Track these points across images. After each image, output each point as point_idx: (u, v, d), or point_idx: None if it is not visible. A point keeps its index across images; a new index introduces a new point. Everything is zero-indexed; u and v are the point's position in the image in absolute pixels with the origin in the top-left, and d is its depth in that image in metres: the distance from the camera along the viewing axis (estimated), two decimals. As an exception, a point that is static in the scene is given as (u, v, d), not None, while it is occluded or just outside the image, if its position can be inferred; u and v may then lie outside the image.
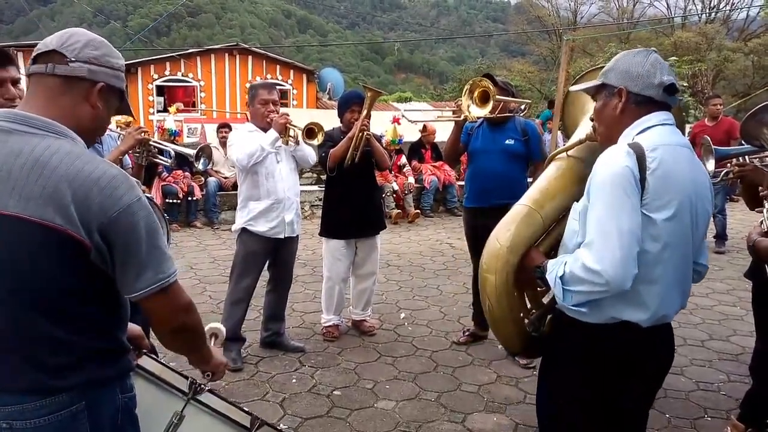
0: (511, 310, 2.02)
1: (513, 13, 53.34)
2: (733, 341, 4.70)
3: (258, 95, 4.14)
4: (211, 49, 21.38)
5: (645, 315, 1.78)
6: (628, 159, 1.71)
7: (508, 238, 1.99)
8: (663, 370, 1.94)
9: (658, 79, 1.80)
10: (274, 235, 4.16)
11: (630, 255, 1.68)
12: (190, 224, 8.89)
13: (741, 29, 32.65)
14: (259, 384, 3.94)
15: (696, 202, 1.78)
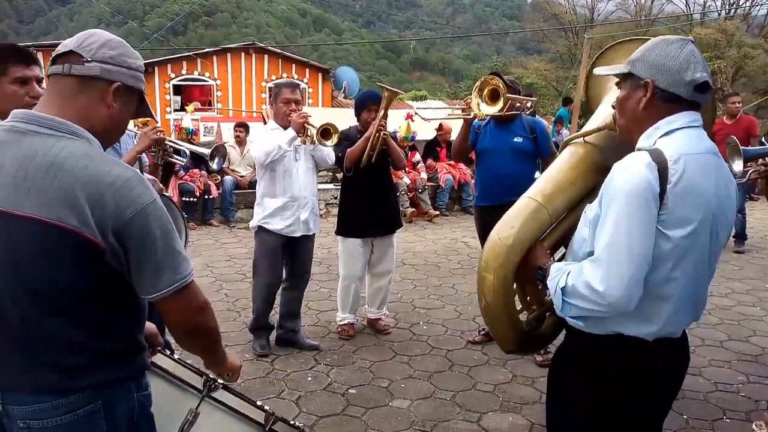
0: (507, 310, 1.95)
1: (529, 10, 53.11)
2: (753, 342, 4.64)
3: (281, 94, 4.19)
4: (227, 49, 21.46)
5: (650, 330, 1.69)
6: (649, 172, 1.58)
7: (510, 235, 1.91)
8: (674, 381, 1.83)
9: (690, 75, 1.63)
10: (289, 233, 4.20)
11: (638, 279, 1.59)
12: (206, 223, 8.94)
13: (761, 25, 32.19)
14: (274, 382, 3.95)
15: (718, 215, 1.67)
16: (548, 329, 2.07)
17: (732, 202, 1.74)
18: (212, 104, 20.02)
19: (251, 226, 4.36)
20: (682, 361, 1.80)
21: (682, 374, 1.83)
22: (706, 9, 33.33)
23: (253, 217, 4.33)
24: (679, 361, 1.80)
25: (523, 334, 2.00)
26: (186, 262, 1.48)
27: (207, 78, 20.49)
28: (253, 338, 4.40)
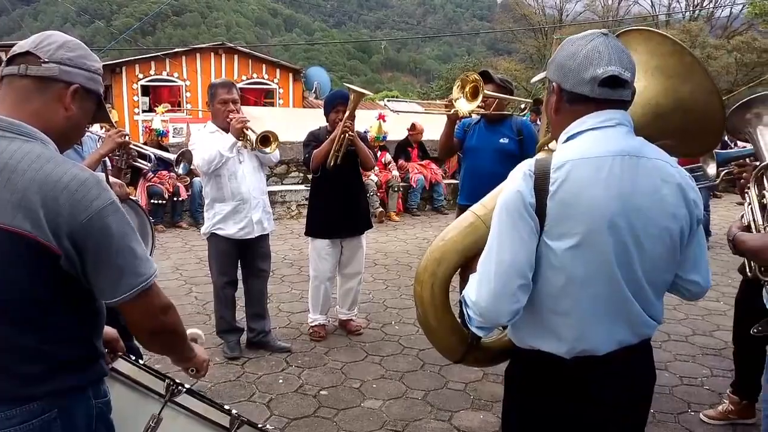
0: (440, 322, 1.89)
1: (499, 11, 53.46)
2: (717, 336, 4.74)
3: (217, 95, 4.13)
4: (197, 49, 21.29)
5: (561, 347, 1.58)
6: (523, 183, 1.52)
7: (439, 248, 1.86)
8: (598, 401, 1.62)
9: (591, 72, 1.51)
10: (244, 236, 4.19)
11: (506, 290, 1.53)
12: (175, 225, 8.83)
13: (724, 27, 32.92)
14: (245, 385, 3.92)
15: (633, 221, 1.51)
16: (497, 343, 1.99)
17: (667, 206, 1.55)
18: (182, 105, 19.81)
19: (203, 233, 4.32)
20: (609, 379, 1.61)
21: (611, 394, 1.63)
22: (671, 10, 33.99)
23: (205, 222, 4.28)
24: (604, 380, 1.60)
25: (468, 344, 1.91)
26: (147, 264, 1.44)
27: (176, 78, 20.28)
28: (223, 341, 4.36)
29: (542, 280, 1.56)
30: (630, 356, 1.63)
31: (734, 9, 30.03)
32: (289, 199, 9.57)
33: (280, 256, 6.83)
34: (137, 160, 3.55)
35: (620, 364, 1.62)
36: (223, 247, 4.20)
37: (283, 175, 10.20)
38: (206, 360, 1.75)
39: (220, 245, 4.20)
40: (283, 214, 9.38)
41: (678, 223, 1.58)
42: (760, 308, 2.25)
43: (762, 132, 2.32)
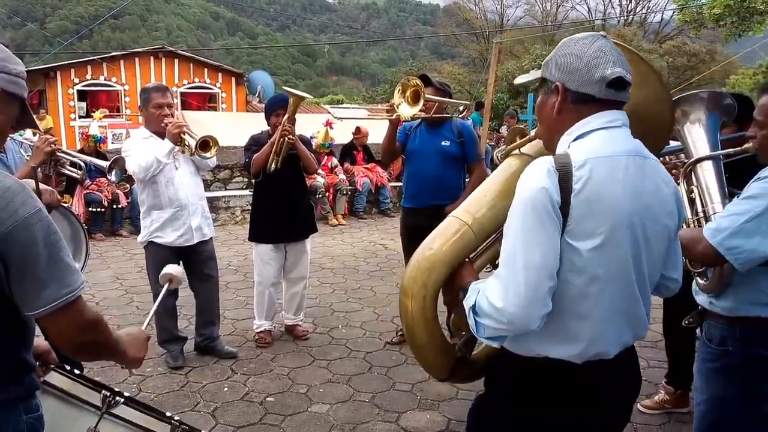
0: (431, 336, 1.79)
1: (442, 16, 54.18)
2: (653, 329, 4.86)
3: (151, 99, 4.04)
4: (135, 52, 20.74)
5: (574, 352, 1.55)
6: (548, 180, 1.47)
7: (427, 257, 1.76)
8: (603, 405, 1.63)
9: (599, 73, 1.51)
10: (183, 244, 4.13)
11: (537, 293, 1.47)
12: (115, 233, 8.59)
13: (656, 32, 34.27)
14: (189, 394, 3.84)
15: (644, 220, 1.53)
16: (482, 354, 1.92)
17: (667, 204, 1.60)
18: (121, 110, 19.28)
19: (140, 241, 4.22)
20: (615, 382, 1.62)
21: (615, 397, 1.64)
22: (606, 16, 35.13)
23: (141, 230, 4.18)
24: (610, 383, 1.60)
25: (456, 361, 1.83)
26: (75, 276, 1.39)
27: (114, 83, 19.71)
28: (165, 351, 4.27)
29: (563, 281, 1.51)
30: (628, 358, 1.66)
31: (665, 15, 31.29)
32: (233, 204, 9.44)
33: (224, 262, 6.72)
34: (66, 168, 3.43)
35: (623, 367, 1.63)
36: (162, 256, 4.09)
37: (226, 180, 10.06)
38: (139, 358, 1.69)
39: (159, 254, 4.09)
40: (228, 220, 9.25)
41: (674, 222, 1.64)
42: (689, 301, 2.34)
43: (689, 129, 2.42)
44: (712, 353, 2.19)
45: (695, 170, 2.34)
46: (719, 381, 2.17)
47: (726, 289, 2.12)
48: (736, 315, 2.11)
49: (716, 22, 11.78)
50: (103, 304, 5.58)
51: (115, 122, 16.75)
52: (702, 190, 2.29)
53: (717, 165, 2.32)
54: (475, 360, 1.90)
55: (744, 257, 1.94)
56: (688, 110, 2.42)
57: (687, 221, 2.33)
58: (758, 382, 2.09)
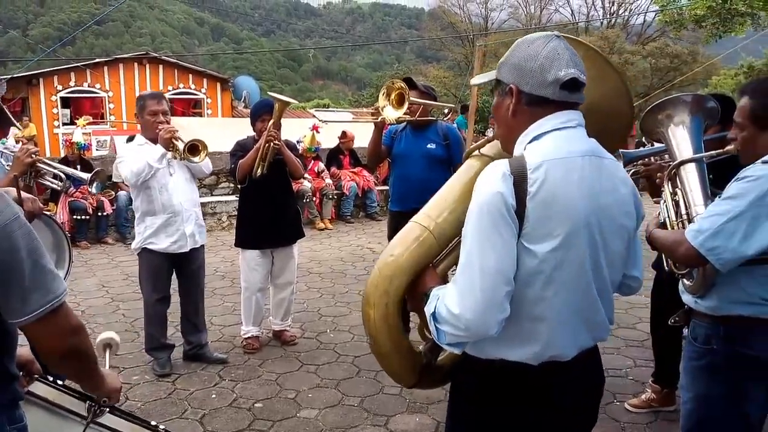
0: (396, 345, 1.76)
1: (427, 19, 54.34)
2: (639, 328, 4.95)
3: (147, 106, 4.07)
4: (119, 59, 20.61)
5: (530, 354, 1.54)
6: (502, 184, 1.46)
7: (388, 264, 1.72)
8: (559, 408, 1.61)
9: (553, 75, 1.50)
10: (177, 250, 4.12)
11: (494, 299, 1.45)
12: (101, 241, 8.52)
13: (639, 33, 34.58)
14: (177, 402, 3.82)
15: (601, 220, 1.52)
16: (448, 359, 1.89)
17: (624, 204, 1.59)
18: (105, 117, 19.15)
19: (134, 248, 4.22)
20: (571, 384, 1.60)
21: (571, 399, 1.61)
22: (590, 18, 35.43)
23: (135, 237, 4.18)
24: (566, 386, 1.59)
25: (422, 367, 1.80)
26: (57, 282, 1.38)
27: (98, 90, 19.58)
28: (152, 359, 4.25)
29: (520, 285, 1.50)
30: (587, 360, 1.64)
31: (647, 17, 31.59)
32: (220, 210, 9.40)
33: (211, 268, 6.69)
34: (47, 179, 3.41)
35: (580, 369, 1.61)
36: (155, 262, 4.10)
37: (212, 186, 10.02)
38: (118, 389, 1.68)
39: (152, 260, 4.09)
40: (214, 226, 9.20)
41: (632, 221, 1.63)
42: (676, 300, 2.36)
43: (673, 132, 2.45)
44: (697, 352, 2.21)
45: (679, 173, 2.36)
46: (704, 379, 2.19)
47: (710, 288, 2.14)
48: (720, 314, 2.13)
49: (697, 23, 11.91)
50: (89, 312, 5.53)
51: (100, 129, 16.63)
52: (685, 192, 2.32)
53: (700, 167, 2.34)
54: (441, 366, 1.87)
55: (725, 258, 1.95)
56: (672, 113, 2.45)
57: (671, 223, 2.36)
58: (741, 380, 2.11)
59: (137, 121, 4.29)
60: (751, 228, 1.92)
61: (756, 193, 1.92)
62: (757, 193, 1.92)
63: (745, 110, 2.08)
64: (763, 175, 1.94)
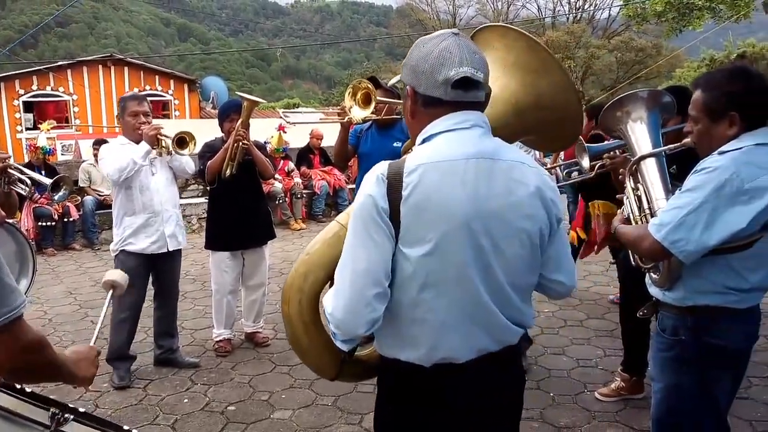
0: (311, 339, 1.78)
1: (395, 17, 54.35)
2: (608, 318, 5.03)
3: (128, 108, 4.04)
4: (83, 61, 20.27)
5: (417, 355, 1.55)
6: (375, 188, 1.48)
7: (304, 261, 1.74)
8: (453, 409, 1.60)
9: (443, 75, 1.47)
10: (156, 251, 4.07)
11: (362, 299, 1.47)
12: (68, 247, 8.37)
13: (604, 28, 35.06)
14: (148, 408, 3.77)
15: (489, 224, 1.49)
16: (366, 354, 1.91)
17: (522, 207, 1.53)
18: (69, 121, 18.80)
19: (112, 250, 4.15)
20: (465, 386, 1.59)
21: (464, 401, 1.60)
22: (556, 13, 35.79)
23: (114, 238, 4.12)
24: (458, 387, 1.58)
25: (341, 361, 1.81)
26: (14, 295, 1.31)
27: (62, 93, 19.22)
28: (112, 369, 4.13)
29: (398, 288, 1.51)
30: (489, 364, 1.60)
31: (612, 11, 32.06)
32: (189, 212, 9.30)
33: (182, 271, 6.60)
34: (17, 184, 3.34)
35: (475, 372, 1.58)
36: (132, 265, 3.99)
37: (181, 188, 9.88)
38: (88, 377, 1.63)
39: (129, 263, 3.99)
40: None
41: (536, 224, 1.55)
42: (645, 292, 2.39)
43: (632, 128, 2.48)
44: (666, 343, 2.24)
45: (639, 168, 2.40)
46: (673, 369, 2.21)
47: (676, 281, 2.17)
48: (686, 305, 2.15)
49: (658, 17, 12.15)
50: (56, 320, 5.43)
51: (64, 133, 16.33)
52: (647, 186, 2.35)
53: (660, 161, 2.38)
54: (361, 360, 1.89)
55: (688, 249, 1.98)
56: (630, 110, 2.48)
57: (635, 218, 2.40)
58: (709, 369, 2.14)
59: (118, 123, 4.26)
60: (711, 218, 1.95)
61: (714, 184, 1.95)
62: (714, 184, 1.95)
63: (698, 103, 2.12)
64: (720, 166, 1.98)
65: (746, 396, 3.65)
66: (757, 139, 2.02)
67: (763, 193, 1.94)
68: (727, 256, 2.04)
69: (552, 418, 3.49)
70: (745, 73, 2.07)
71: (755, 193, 1.94)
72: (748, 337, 2.20)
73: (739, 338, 2.14)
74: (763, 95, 2.06)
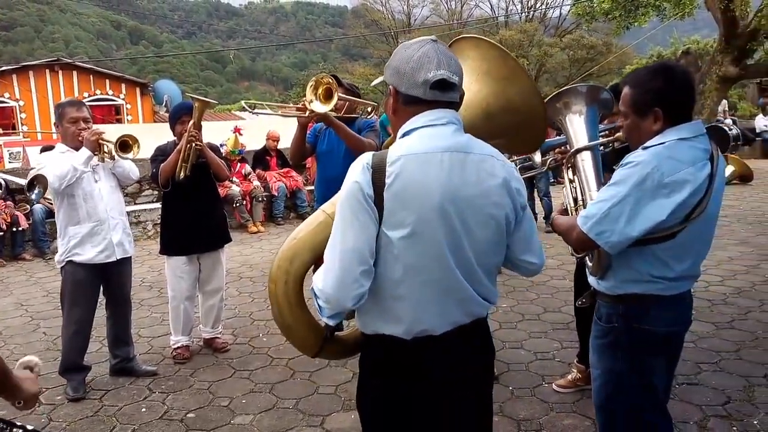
0: (295, 318, 1.91)
1: (351, 17, 54.34)
2: (564, 311, 5.13)
3: (66, 114, 3.93)
4: (29, 66, 19.70)
5: (399, 330, 1.71)
6: (361, 175, 1.63)
7: (291, 246, 1.89)
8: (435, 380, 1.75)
9: (422, 76, 1.64)
10: (104, 260, 3.96)
11: (350, 275, 1.63)
12: (17, 257, 8.11)
13: (556, 26, 35.71)
14: (105, 419, 3.69)
15: (462, 210, 1.65)
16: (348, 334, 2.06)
17: (491, 195, 1.70)
18: (17, 127, 18.23)
19: (57, 261, 4.02)
20: (440, 357, 1.74)
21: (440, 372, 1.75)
22: (509, 12, 36.30)
23: (58, 249, 4.00)
24: (435, 359, 1.74)
25: (323, 339, 1.95)
26: None
27: (7, 99, 18.63)
28: (66, 381, 4.01)
29: (382, 267, 1.67)
30: (462, 336, 1.76)
31: (563, 10, 32.67)
32: (144, 218, 9.13)
33: (137, 279, 6.49)
34: None
35: (452, 343, 1.75)
36: (80, 276, 3.91)
37: (135, 194, 9.71)
38: (34, 393, 1.62)
39: (77, 274, 3.90)
40: (139, 235, 8.92)
41: (502, 211, 1.73)
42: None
43: (570, 120, 2.55)
44: (602, 330, 2.33)
45: (575, 161, 2.47)
46: (609, 355, 2.30)
47: (607, 270, 2.25)
48: (617, 293, 2.24)
49: (605, 15, 12.46)
50: (6, 333, 5.27)
51: (11, 140, 15.81)
52: (582, 179, 2.43)
53: (594, 155, 2.46)
54: (343, 339, 2.03)
55: (612, 240, 2.07)
56: (570, 102, 2.56)
57: (570, 209, 2.47)
58: (642, 354, 2.23)
59: (57, 131, 4.13)
60: (634, 211, 2.03)
61: (636, 178, 2.04)
62: (637, 177, 2.04)
63: (626, 99, 2.20)
64: (642, 160, 2.06)
65: (696, 381, 3.77)
66: (681, 134, 2.10)
67: (682, 186, 2.02)
68: (653, 247, 2.12)
69: (511, 411, 3.55)
70: (668, 70, 2.16)
71: (675, 186, 2.02)
72: (678, 322, 2.28)
73: (669, 323, 2.22)
74: (684, 92, 2.15)
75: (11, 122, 18.46)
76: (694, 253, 2.19)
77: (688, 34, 28.01)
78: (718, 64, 11.97)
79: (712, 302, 5.15)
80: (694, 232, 2.11)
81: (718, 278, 5.81)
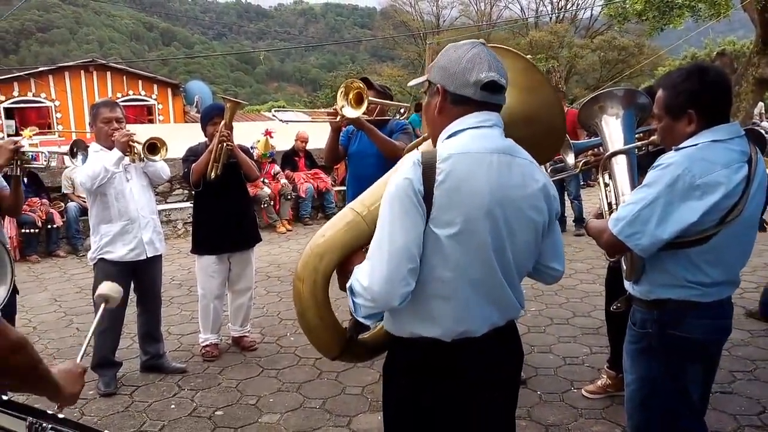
0: (321, 318, 1.90)
1: (379, 18, 54.43)
2: (594, 316, 5.06)
3: (100, 114, 4.00)
4: (64, 67, 20.09)
5: (439, 330, 1.69)
6: (412, 172, 1.61)
7: (319, 243, 1.87)
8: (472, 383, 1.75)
9: (474, 76, 1.64)
10: (135, 258, 4.03)
11: (398, 273, 1.61)
12: (51, 254, 8.28)
13: (587, 27, 35.30)
14: (135, 414, 3.74)
15: (507, 212, 1.66)
16: (371, 337, 2.04)
17: (533, 199, 1.71)
18: (52, 127, 18.63)
19: (90, 258, 4.11)
20: (477, 360, 1.73)
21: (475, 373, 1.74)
22: (539, 13, 35.98)
23: (91, 247, 4.07)
24: (472, 360, 1.73)
25: (345, 342, 1.93)
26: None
27: (44, 99, 19.04)
28: (98, 376, 4.09)
29: (427, 266, 1.65)
30: (498, 337, 1.76)
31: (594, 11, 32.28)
32: (175, 217, 9.25)
33: (167, 277, 6.57)
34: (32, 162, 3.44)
35: (488, 345, 1.74)
36: (112, 273, 3.94)
37: (166, 193, 9.83)
38: (74, 393, 1.64)
39: (109, 271, 3.95)
40: (170, 234, 9.03)
41: (542, 216, 1.74)
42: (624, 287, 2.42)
43: (606, 122, 2.53)
44: (636, 335, 2.29)
45: (610, 164, 2.44)
46: (643, 361, 2.26)
47: (641, 274, 2.22)
48: (651, 298, 2.21)
49: (638, 16, 12.29)
50: (41, 328, 5.38)
51: (47, 140, 16.17)
52: (616, 182, 2.40)
53: (629, 158, 2.43)
54: (364, 342, 2.02)
55: (643, 243, 2.04)
56: (605, 106, 2.53)
57: (605, 213, 2.44)
58: (677, 361, 2.18)
59: (91, 131, 4.21)
60: (664, 213, 2.01)
61: (667, 180, 2.01)
62: (668, 179, 2.01)
63: (660, 102, 2.17)
64: (674, 162, 2.03)
65: (730, 390, 3.69)
66: (715, 135, 2.07)
67: (715, 189, 1.99)
68: (687, 251, 2.09)
69: (539, 416, 3.51)
70: (701, 72, 2.12)
71: (707, 188, 1.99)
72: (716, 330, 2.23)
73: (706, 331, 2.17)
74: (717, 92, 2.11)
75: (47, 122, 18.89)
76: (731, 258, 2.14)
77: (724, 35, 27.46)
78: (755, 66, 11.70)
79: (748, 309, 5.04)
80: (730, 236, 2.07)
81: (753, 285, 5.67)
